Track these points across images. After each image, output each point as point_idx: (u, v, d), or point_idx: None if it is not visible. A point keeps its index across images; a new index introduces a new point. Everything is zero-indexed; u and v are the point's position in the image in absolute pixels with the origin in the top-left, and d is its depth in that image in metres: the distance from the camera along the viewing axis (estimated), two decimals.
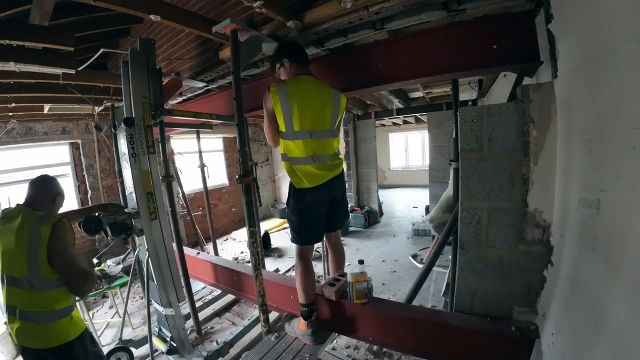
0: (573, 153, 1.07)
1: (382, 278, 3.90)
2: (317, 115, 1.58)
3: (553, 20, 1.19)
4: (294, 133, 1.55)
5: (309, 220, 1.68)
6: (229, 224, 6.79)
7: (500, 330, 1.38)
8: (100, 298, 3.74)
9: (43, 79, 2.63)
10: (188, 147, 5.50)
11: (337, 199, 1.75)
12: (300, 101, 1.53)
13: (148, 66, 1.91)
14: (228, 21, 1.62)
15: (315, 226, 1.72)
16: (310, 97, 1.56)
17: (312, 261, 1.78)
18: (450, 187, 2.45)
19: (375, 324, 1.71)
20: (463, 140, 1.41)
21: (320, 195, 1.65)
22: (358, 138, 6.31)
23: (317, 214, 1.68)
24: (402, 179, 10.90)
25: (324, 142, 1.62)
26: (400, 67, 1.75)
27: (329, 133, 1.64)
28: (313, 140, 1.57)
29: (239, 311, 3.40)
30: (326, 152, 1.64)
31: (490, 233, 1.41)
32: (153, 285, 2.09)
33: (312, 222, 1.69)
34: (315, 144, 1.58)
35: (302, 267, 1.70)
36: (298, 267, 1.72)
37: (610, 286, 0.81)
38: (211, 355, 2.29)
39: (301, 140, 1.56)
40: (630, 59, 0.71)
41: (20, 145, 3.85)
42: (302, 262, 1.71)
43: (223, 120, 2.52)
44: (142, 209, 1.90)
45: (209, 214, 3.76)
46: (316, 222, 1.70)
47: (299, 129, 1.54)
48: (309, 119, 1.55)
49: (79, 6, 1.99)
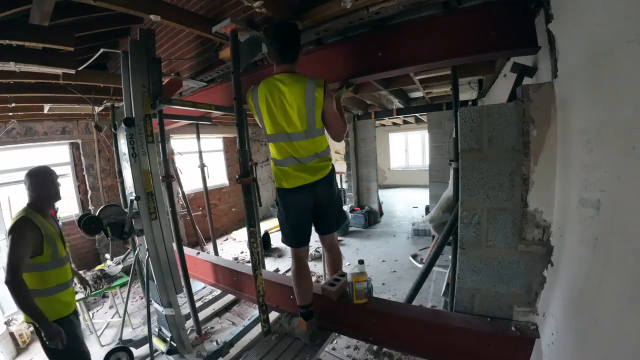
0: (573, 153, 1.07)
1: (382, 278, 3.90)
2: (287, 117, 1.53)
3: (553, 20, 1.19)
4: (269, 137, 1.58)
5: (292, 222, 1.68)
6: (229, 224, 6.79)
7: (500, 330, 1.38)
8: (100, 298, 3.74)
9: (43, 79, 2.63)
10: (188, 147, 5.51)
11: (323, 203, 1.69)
12: (269, 106, 1.52)
13: (147, 56, 1.91)
14: (228, 21, 1.62)
15: (299, 228, 1.70)
16: (278, 99, 1.50)
17: (313, 261, 1.78)
18: (450, 187, 2.45)
19: (375, 324, 1.71)
20: (463, 140, 1.41)
21: (303, 198, 1.62)
22: (358, 138, 6.31)
23: (299, 217, 1.68)
24: (402, 179, 10.90)
25: (300, 144, 1.56)
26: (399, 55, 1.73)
27: (304, 134, 1.55)
28: (289, 142, 1.56)
29: (239, 311, 3.40)
30: (304, 153, 1.57)
31: (490, 233, 1.41)
32: (153, 285, 2.09)
33: (294, 224, 1.69)
34: (291, 147, 1.56)
35: (296, 269, 1.72)
36: (292, 268, 1.74)
37: (610, 286, 0.81)
38: (211, 355, 2.29)
39: (276, 143, 1.57)
40: (630, 58, 0.71)
41: (20, 145, 3.85)
42: (296, 263, 1.73)
43: (222, 111, 2.51)
44: (142, 209, 1.91)
45: (209, 214, 3.76)
46: (299, 224, 1.69)
47: (272, 132, 1.56)
48: (280, 122, 1.54)
49: (79, 6, 1.98)
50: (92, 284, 2.88)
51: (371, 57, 1.80)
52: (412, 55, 1.69)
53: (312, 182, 1.61)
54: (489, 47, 1.49)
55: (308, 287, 1.73)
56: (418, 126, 9.69)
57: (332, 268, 2.00)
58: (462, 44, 1.55)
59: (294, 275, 1.72)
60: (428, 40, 1.63)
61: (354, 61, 1.87)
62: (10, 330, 2.80)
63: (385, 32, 1.74)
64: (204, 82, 2.73)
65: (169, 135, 5.17)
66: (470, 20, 1.51)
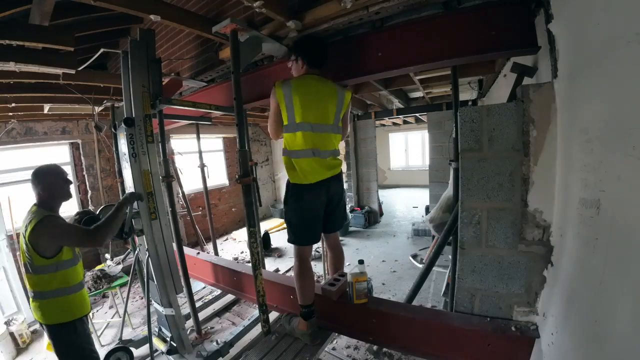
0: (573, 153, 1.07)
1: (382, 278, 3.90)
2: (320, 108, 1.60)
3: (553, 20, 1.19)
4: (296, 125, 1.58)
5: (307, 219, 1.67)
6: (229, 224, 6.78)
7: (500, 330, 1.38)
8: (100, 298, 3.73)
9: (43, 79, 2.63)
10: (188, 147, 5.50)
11: (334, 200, 1.74)
12: (304, 95, 1.56)
13: (147, 56, 1.91)
14: (228, 21, 1.62)
15: (313, 226, 1.71)
16: (314, 91, 1.59)
17: (313, 261, 1.78)
18: (450, 187, 2.44)
19: (375, 324, 1.71)
20: (463, 140, 1.41)
21: (318, 194, 1.65)
22: (358, 138, 6.31)
23: (314, 214, 1.68)
24: (402, 179, 10.89)
25: (325, 136, 1.63)
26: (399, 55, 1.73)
27: (331, 127, 1.66)
28: (314, 133, 1.59)
29: (239, 311, 3.40)
30: (326, 146, 1.65)
31: (490, 233, 1.41)
32: (153, 285, 2.09)
33: (309, 222, 1.68)
34: (316, 137, 1.60)
35: (300, 268, 1.70)
36: (296, 268, 1.71)
37: (610, 286, 0.81)
38: (211, 355, 2.29)
39: (302, 132, 1.58)
40: (630, 58, 0.71)
41: (20, 145, 3.84)
42: (301, 263, 1.71)
43: (222, 111, 2.51)
44: (142, 209, 1.91)
45: (209, 214, 3.75)
46: (314, 222, 1.70)
47: (301, 120, 1.57)
48: (311, 112, 1.58)
49: (79, 6, 1.99)
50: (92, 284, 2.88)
51: (371, 57, 1.80)
52: (412, 55, 1.69)
53: (328, 178, 1.65)
54: (489, 47, 1.49)
55: (311, 287, 1.72)
56: (418, 126, 9.69)
57: (335, 267, 2.00)
58: (462, 44, 1.55)
59: (298, 275, 1.70)
60: (428, 40, 1.63)
61: (354, 61, 1.87)
62: (10, 330, 2.80)
63: (385, 32, 1.74)
64: (204, 82, 2.73)
65: (169, 135, 5.16)
66: (470, 20, 1.52)
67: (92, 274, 3.08)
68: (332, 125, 1.66)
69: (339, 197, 1.78)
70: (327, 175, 1.65)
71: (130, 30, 2.80)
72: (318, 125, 1.60)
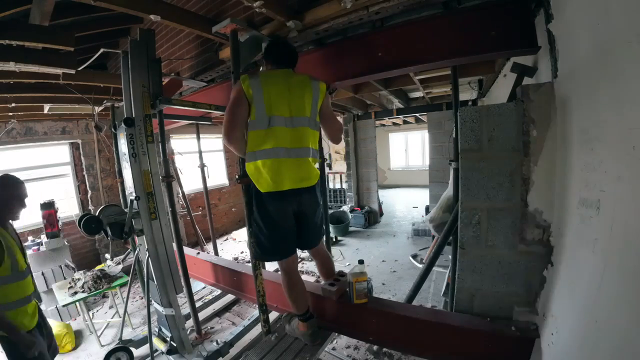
0: (573, 153, 1.07)
1: (382, 278, 3.90)
2: (295, 99, 1.47)
3: (553, 20, 1.19)
4: (267, 118, 1.43)
5: (273, 234, 1.53)
6: (229, 224, 6.78)
7: (500, 330, 1.38)
8: (100, 298, 3.73)
9: (43, 79, 2.63)
10: (188, 147, 5.50)
11: (307, 215, 1.59)
12: (275, 86, 1.45)
13: (147, 56, 1.91)
14: (228, 21, 1.62)
15: (280, 241, 1.57)
16: (284, 82, 1.47)
17: (313, 261, 1.77)
18: (450, 187, 2.44)
19: (375, 324, 1.71)
20: (463, 140, 1.41)
21: (285, 204, 1.50)
22: (358, 138, 6.31)
23: (282, 227, 1.53)
24: (402, 179, 10.89)
25: (300, 130, 1.48)
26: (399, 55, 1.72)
27: (308, 121, 1.50)
28: (288, 128, 1.46)
29: (239, 311, 3.40)
30: (302, 143, 1.49)
31: (490, 233, 1.41)
32: (153, 285, 2.09)
33: (276, 237, 1.54)
34: (289, 133, 1.46)
35: (286, 281, 1.64)
36: (282, 280, 1.65)
37: (610, 286, 0.81)
38: (211, 355, 2.29)
39: (274, 128, 1.43)
40: (630, 58, 0.71)
41: (20, 145, 3.84)
42: (285, 275, 1.64)
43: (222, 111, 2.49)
44: (142, 209, 1.91)
45: (209, 214, 3.75)
46: (280, 236, 1.55)
47: (270, 114, 1.43)
48: (284, 103, 1.45)
49: (79, 6, 1.99)
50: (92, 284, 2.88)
51: (371, 57, 1.80)
52: (412, 55, 1.69)
53: (299, 189, 1.50)
54: (489, 47, 1.50)
55: (301, 296, 1.68)
56: (418, 126, 9.69)
57: (325, 273, 1.92)
58: (462, 44, 1.55)
59: (286, 287, 1.63)
60: (428, 40, 1.63)
61: (354, 61, 1.87)
62: None
63: (385, 32, 1.74)
64: (204, 82, 2.73)
65: (169, 135, 5.17)
66: (470, 20, 1.52)
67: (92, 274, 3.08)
68: (308, 118, 1.50)
69: (312, 211, 1.61)
70: (299, 185, 1.50)
71: (130, 30, 2.80)
72: (293, 118, 1.47)
